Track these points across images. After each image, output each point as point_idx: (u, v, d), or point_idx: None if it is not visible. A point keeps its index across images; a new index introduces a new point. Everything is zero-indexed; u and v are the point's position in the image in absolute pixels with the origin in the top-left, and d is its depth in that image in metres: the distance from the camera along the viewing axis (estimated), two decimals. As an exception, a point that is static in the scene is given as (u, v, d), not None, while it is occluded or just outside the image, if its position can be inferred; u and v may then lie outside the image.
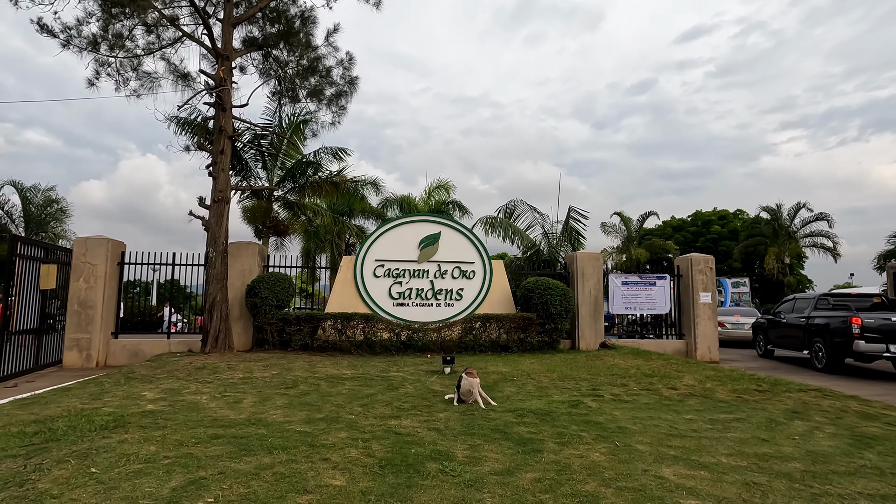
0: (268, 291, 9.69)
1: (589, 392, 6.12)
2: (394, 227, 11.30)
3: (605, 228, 30.83)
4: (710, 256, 12.36)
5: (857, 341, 9.13)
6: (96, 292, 9.73)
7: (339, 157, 14.60)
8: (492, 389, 6.23)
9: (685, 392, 6.14)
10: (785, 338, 11.65)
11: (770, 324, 12.44)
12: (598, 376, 7.23)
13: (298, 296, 30.54)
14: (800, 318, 11.00)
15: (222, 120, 9.31)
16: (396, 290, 10.90)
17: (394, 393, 6.00)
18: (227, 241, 9.46)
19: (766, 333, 12.63)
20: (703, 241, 36.06)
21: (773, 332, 12.21)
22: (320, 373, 7.30)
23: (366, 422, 4.61)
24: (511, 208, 15.03)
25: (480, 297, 11.11)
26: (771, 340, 12.38)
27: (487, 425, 4.51)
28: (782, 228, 28.10)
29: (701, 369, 7.88)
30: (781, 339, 11.83)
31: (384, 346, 9.89)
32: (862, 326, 9.16)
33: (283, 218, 14.76)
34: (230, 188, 9.56)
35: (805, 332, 10.64)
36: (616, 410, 5.15)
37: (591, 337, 11.22)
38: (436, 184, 24.04)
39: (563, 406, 5.33)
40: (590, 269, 11.58)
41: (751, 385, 6.50)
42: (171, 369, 7.46)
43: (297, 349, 9.73)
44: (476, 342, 10.15)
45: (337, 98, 11.02)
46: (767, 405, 5.49)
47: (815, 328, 10.27)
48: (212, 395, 5.66)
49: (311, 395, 5.78)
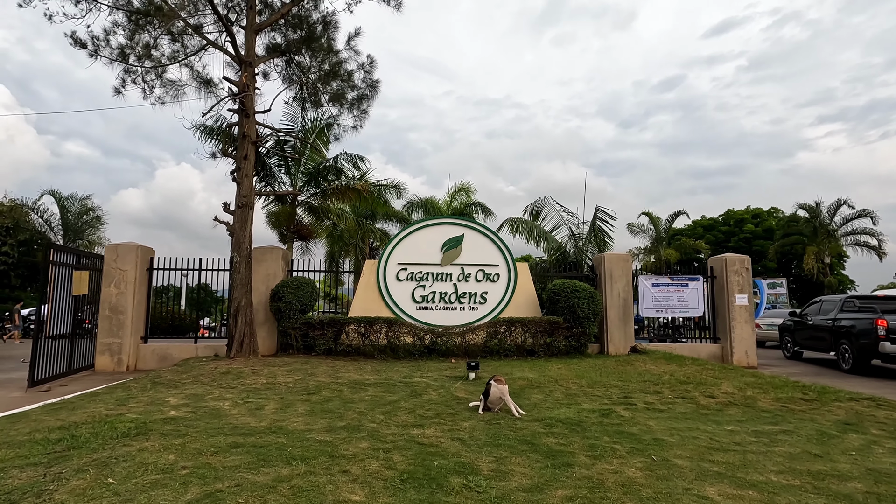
0: (291, 296, 9.69)
1: (620, 400, 5.84)
2: (416, 230, 11.19)
3: (633, 229, 30.07)
4: (745, 256, 11.83)
5: (883, 343, 9.24)
6: (126, 297, 9.92)
7: (357, 166, 14.61)
8: (518, 396, 6.01)
9: (724, 400, 5.79)
10: (812, 339, 11.78)
11: (797, 325, 12.57)
12: (630, 383, 6.92)
13: (324, 300, 30.90)
14: (826, 320, 11.13)
15: (245, 126, 9.38)
16: (419, 293, 10.77)
17: (417, 400, 5.85)
18: (251, 246, 9.51)
19: (794, 335, 12.89)
20: (735, 241, 34.81)
21: (800, 333, 12.34)
22: (343, 378, 7.22)
23: (388, 430, 4.47)
24: (538, 208, 14.75)
25: (505, 300, 10.88)
26: (798, 342, 12.54)
27: (514, 436, 4.30)
28: (822, 226, 26.84)
29: (739, 375, 7.47)
30: (808, 341, 11.96)
31: (407, 350, 9.77)
32: (887, 328, 9.27)
33: (306, 222, 14.85)
34: (254, 193, 9.62)
35: (831, 334, 10.77)
36: (650, 420, 4.87)
37: (620, 341, 10.85)
38: (458, 186, 23.95)
39: (593, 415, 5.08)
40: (618, 270, 11.21)
41: (796, 393, 6.09)
42: (197, 374, 7.49)
43: (321, 354, 9.69)
44: (501, 347, 9.93)
45: (359, 102, 11.00)
46: (816, 415, 5.11)
47: (842, 330, 10.40)
48: (234, 402, 5.62)
49: (333, 402, 5.68)
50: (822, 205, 27.10)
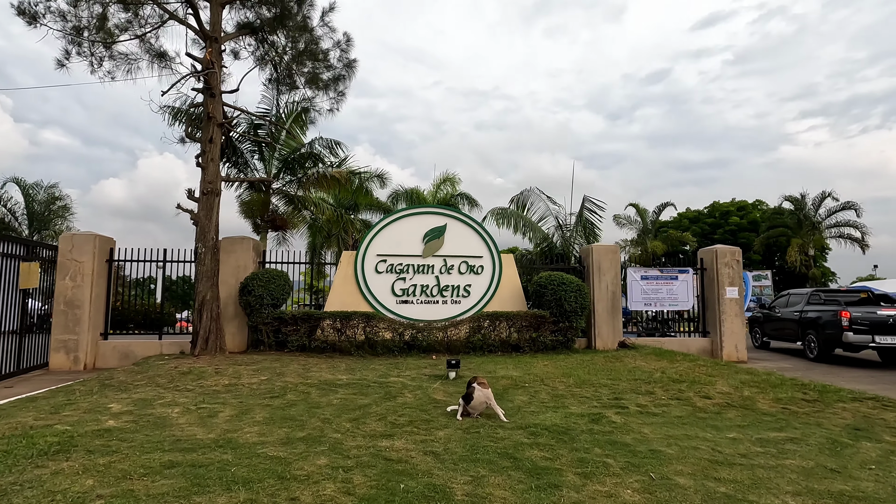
0: (262, 289, 9.09)
1: (611, 402, 5.40)
2: (396, 219, 10.63)
3: (619, 221, 29.82)
4: (736, 248, 11.50)
5: (846, 333, 9.87)
6: (83, 291, 9.22)
7: (334, 152, 13.91)
8: (501, 398, 5.54)
9: (721, 402, 5.39)
10: (780, 330, 12.45)
11: (766, 317, 13.29)
12: (620, 382, 6.51)
13: (307, 293, 30.12)
14: (794, 312, 11.78)
15: (210, 106, 8.69)
16: (400, 286, 10.24)
17: (390, 403, 5.34)
18: (217, 236, 8.87)
19: (763, 326, 13.45)
20: (721, 233, 34.85)
21: (769, 325, 12.98)
22: (313, 378, 6.68)
23: (352, 442, 3.96)
24: (524, 198, 14.25)
25: (489, 293, 10.41)
26: (766, 333, 13.26)
27: (494, 448, 3.82)
28: (806, 219, 26.88)
29: (734, 373, 7.11)
30: (777, 332, 12.62)
31: (386, 346, 9.25)
32: (850, 319, 9.91)
33: (282, 212, 14.16)
34: (220, 179, 8.96)
35: (798, 325, 11.44)
36: (645, 427, 4.43)
37: (608, 336, 10.46)
38: (443, 177, 23.36)
39: (582, 421, 4.62)
40: (606, 262, 10.80)
41: (796, 393, 5.72)
42: (154, 374, 6.89)
43: (294, 351, 9.13)
44: (484, 342, 9.47)
45: (335, 82, 10.34)
46: (822, 419, 4.73)
47: (808, 321, 11.07)
48: (185, 408, 5.05)
49: (297, 407, 5.14)
50: (807, 197, 27.15)
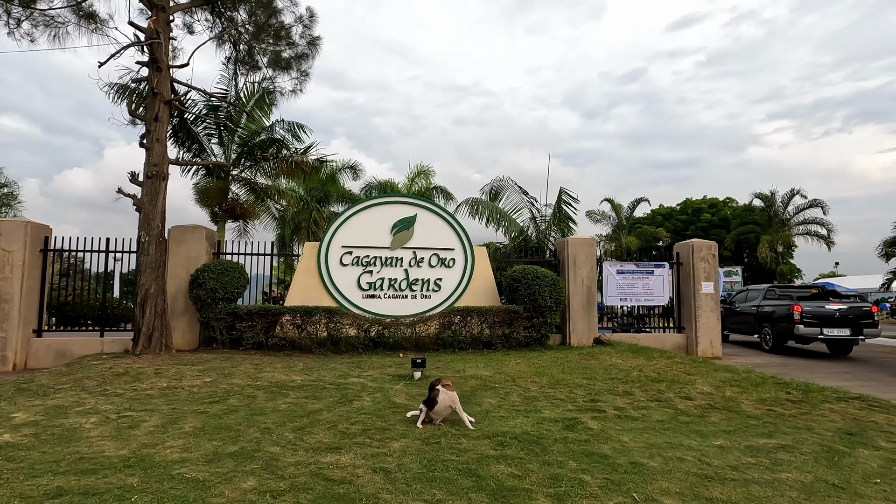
0: (214, 282, 8.37)
1: (587, 405, 4.98)
2: (363, 209, 10.02)
3: (594, 216, 29.78)
4: (712, 242, 11.31)
5: (798, 326, 10.53)
6: (12, 283, 8.33)
7: (298, 136, 13.13)
8: (468, 402, 5.06)
9: (703, 403, 5.03)
10: (739, 324, 12.91)
11: (726, 312, 13.35)
12: (596, 381, 6.10)
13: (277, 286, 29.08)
14: (751, 307, 12.35)
15: (156, 81, 7.91)
16: (366, 280, 9.65)
17: (345, 408, 4.79)
18: (163, 224, 8.11)
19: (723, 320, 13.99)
20: (693, 230, 35.30)
21: (729, 319, 13.20)
22: (264, 380, 6.06)
23: (291, 458, 3.40)
24: (496, 189, 13.78)
25: (461, 287, 9.91)
26: (726, 326, 13.28)
27: (456, 462, 3.32)
28: (776, 216, 27.33)
29: (713, 371, 6.80)
30: (736, 325, 13.07)
31: (350, 344, 8.67)
32: (802, 313, 10.57)
33: (244, 201, 13.33)
34: (168, 162, 8.19)
35: (756, 319, 12.06)
36: (624, 434, 4.00)
37: (583, 331, 10.11)
38: (418, 169, 22.80)
39: (555, 427, 4.17)
40: (582, 256, 10.44)
41: (779, 393, 5.41)
42: (83, 377, 6.15)
43: (250, 348, 8.46)
44: (455, 339, 8.98)
45: (298, 61, 9.63)
46: (811, 422, 4.40)
47: (764, 315, 11.72)
48: (105, 417, 4.39)
49: (237, 414, 4.54)
50: (776, 195, 27.58)
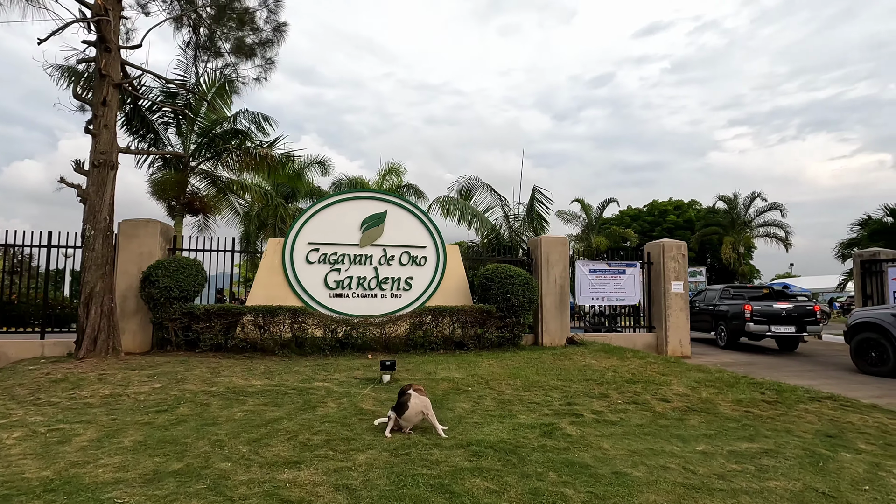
0: (168, 280, 7.82)
1: (564, 408, 4.78)
2: (331, 204, 9.60)
3: (564, 216, 29.99)
4: (682, 242, 11.40)
5: (748, 323, 11.32)
6: (-62, 281, 7.56)
7: (262, 128, 12.53)
8: (440, 406, 4.79)
9: (681, 405, 4.91)
10: (699, 322, 13.37)
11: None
12: (571, 383, 5.94)
13: (242, 285, 28.06)
14: (709, 306, 13.02)
15: (104, 62, 7.30)
16: (334, 278, 9.24)
17: (307, 416, 4.44)
18: (111, 217, 7.52)
19: None
20: (659, 231, 36.09)
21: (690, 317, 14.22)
22: (220, 385, 5.62)
23: (243, 475, 3.04)
24: (468, 188, 13.55)
25: (432, 286, 9.63)
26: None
27: (427, 477, 3.04)
28: (738, 218, 28.18)
29: (686, 371, 6.75)
30: (696, 324, 13.32)
31: (316, 345, 8.26)
32: (752, 312, 11.34)
33: (204, 194, 12.63)
34: (117, 150, 7.59)
35: (712, 317, 12.81)
36: (604, 440, 3.81)
37: (556, 331, 9.99)
38: (389, 166, 22.43)
39: (533, 434, 3.94)
40: (556, 254, 10.32)
41: (754, 393, 5.36)
42: (14, 384, 5.57)
43: (208, 351, 7.94)
44: (426, 339, 8.69)
45: (262, 48, 9.13)
46: (789, 424, 4.32)
47: (720, 314, 12.46)
48: (31, 431, 3.90)
49: (185, 425, 4.13)
50: (738, 197, 28.42)
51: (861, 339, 8.55)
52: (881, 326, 8.21)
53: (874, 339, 8.30)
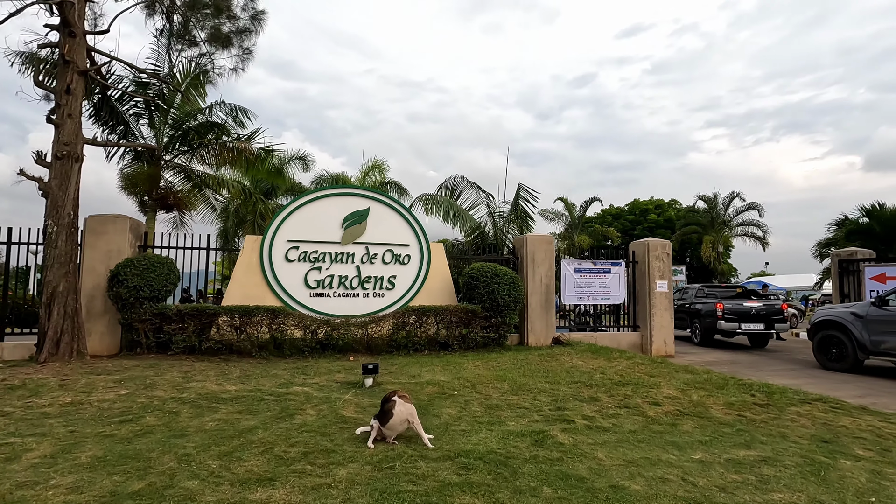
0: (138, 279, 7.43)
1: (554, 414, 4.61)
2: (312, 200, 9.29)
3: (547, 215, 30.00)
4: (667, 241, 11.39)
5: (720, 321, 11.82)
6: None
7: (239, 121, 12.05)
8: (426, 412, 4.57)
9: (672, 409, 4.79)
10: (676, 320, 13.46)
11: None
12: (560, 385, 5.78)
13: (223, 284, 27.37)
14: (685, 304, 13.32)
15: (67, 47, 6.87)
16: (314, 277, 8.94)
17: (284, 425, 4.17)
18: (76, 212, 7.09)
19: None
20: (640, 230, 36.45)
21: None
22: (192, 391, 5.31)
23: (212, 495, 2.78)
24: (453, 186, 13.33)
25: (416, 285, 9.40)
26: None
27: (414, 494, 2.82)
28: (718, 217, 28.56)
29: (674, 372, 6.66)
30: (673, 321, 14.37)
31: (296, 346, 7.97)
32: (724, 310, 11.85)
33: (178, 189, 12.12)
34: (83, 141, 7.16)
35: (688, 315, 13.15)
36: (598, 449, 3.64)
37: (542, 331, 9.86)
38: (371, 163, 22.07)
39: (524, 443, 3.75)
40: (541, 253, 10.19)
41: (744, 396, 5.28)
42: (-35, 391, 5.16)
43: (181, 353, 7.58)
44: (410, 340, 8.46)
45: (240, 37, 8.75)
46: (784, 429, 4.22)
47: (694, 312, 12.87)
48: (-23, 446, 3.56)
49: (151, 437, 3.83)
50: (718, 196, 28.80)
51: (823, 337, 8.81)
52: (841, 324, 8.42)
53: (835, 336, 8.55)
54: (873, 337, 7.86)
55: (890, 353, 7.75)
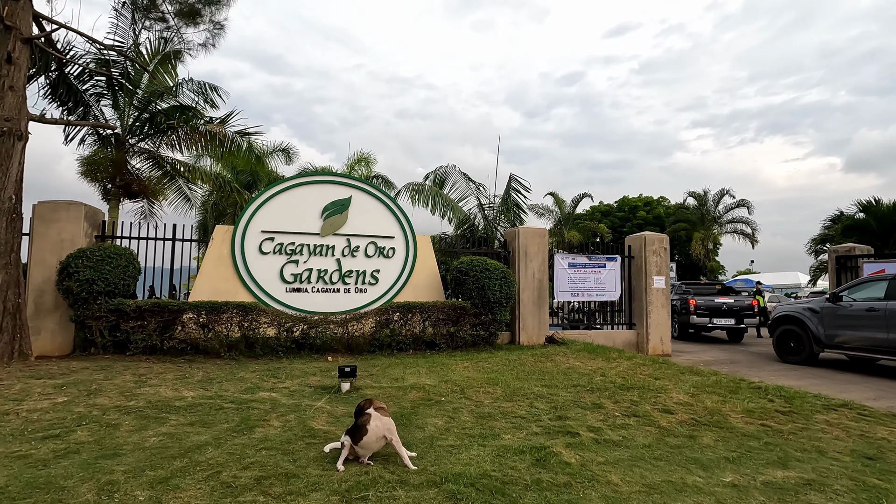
0: (91, 272, 6.70)
1: (555, 425, 4.04)
2: (289, 188, 8.61)
3: (538, 210, 29.56)
4: (664, 236, 10.91)
5: (692, 316, 12.41)
6: None
7: (210, 100, 11.25)
8: (408, 423, 3.98)
9: (687, 418, 4.25)
10: None
11: None
12: (558, 390, 5.23)
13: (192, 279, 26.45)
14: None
15: (6, 10, 6.10)
16: (291, 271, 8.28)
17: (240, 441, 3.54)
18: (19, 196, 6.34)
19: None
20: (629, 227, 36.22)
21: None
22: (142, 398, 4.64)
23: (128, 544, 2.15)
24: (442, 175, 12.72)
25: (401, 280, 8.79)
26: None
27: (388, 537, 2.22)
28: (708, 214, 28.37)
29: (679, 373, 6.16)
30: None
31: (269, 346, 7.31)
32: (696, 305, 12.45)
33: (146, 176, 11.30)
34: (26, 117, 6.40)
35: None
36: (611, 471, 3.07)
37: (534, 329, 9.32)
38: (358, 156, 21.39)
39: (523, 463, 3.18)
40: (534, 247, 9.64)
41: (761, 401, 4.77)
42: None
43: (140, 353, 6.88)
44: (394, 339, 7.85)
45: (209, 7, 8.02)
46: (818, 443, 3.71)
47: (672, 308, 12.73)
48: None
49: (75, 457, 3.18)
50: (708, 193, 28.60)
51: (782, 331, 9.17)
52: (799, 319, 8.81)
53: (793, 330, 8.92)
54: (828, 331, 8.25)
55: (843, 347, 8.06)
